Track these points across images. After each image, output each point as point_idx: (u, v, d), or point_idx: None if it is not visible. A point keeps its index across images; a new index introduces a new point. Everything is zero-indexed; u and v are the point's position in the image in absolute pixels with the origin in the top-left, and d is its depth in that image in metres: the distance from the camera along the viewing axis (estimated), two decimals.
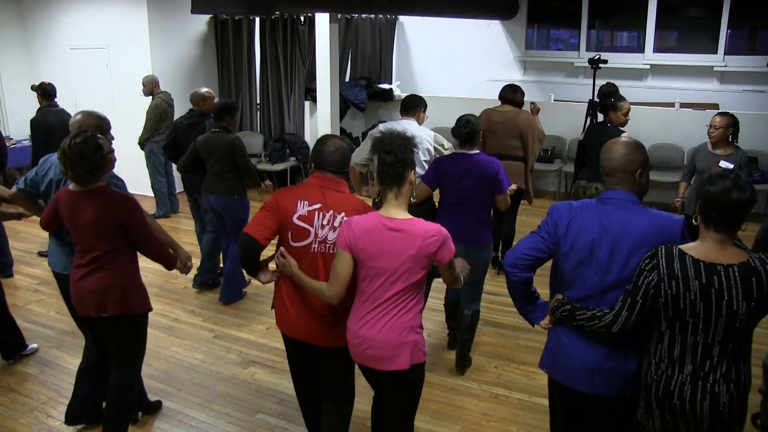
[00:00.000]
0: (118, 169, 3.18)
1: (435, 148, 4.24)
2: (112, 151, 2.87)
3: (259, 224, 2.54)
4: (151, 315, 4.67)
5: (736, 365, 1.99)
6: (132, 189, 9.20)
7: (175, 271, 3.18)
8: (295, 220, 2.53)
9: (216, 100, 5.35)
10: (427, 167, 3.96)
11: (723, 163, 4.63)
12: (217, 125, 4.67)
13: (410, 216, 2.32)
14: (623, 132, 4.42)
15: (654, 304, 2.02)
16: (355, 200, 2.57)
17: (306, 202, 2.54)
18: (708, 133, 4.61)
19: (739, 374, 1.99)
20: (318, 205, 2.53)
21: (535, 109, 5.28)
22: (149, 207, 7.18)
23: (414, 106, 4.27)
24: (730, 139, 4.56)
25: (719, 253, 1.97)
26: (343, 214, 2.50)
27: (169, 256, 3.02)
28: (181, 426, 3.39)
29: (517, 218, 5.48)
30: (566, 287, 2.25)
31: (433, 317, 4.61)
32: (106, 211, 2.75)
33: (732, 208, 1.93)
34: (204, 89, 5.34)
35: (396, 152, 2.28)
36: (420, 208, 3.60)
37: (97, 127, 3.08)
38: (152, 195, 7.18)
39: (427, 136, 4.20)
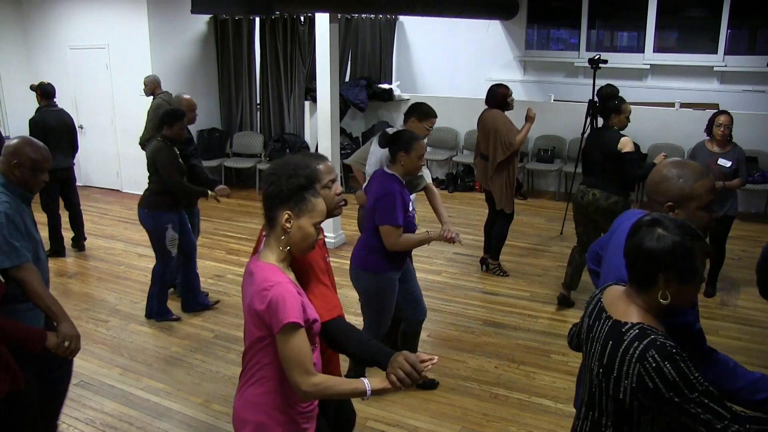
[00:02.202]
0: (119, 169, 3.18)
1: None
2: None
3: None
4: None
5: None
6: (132, 189, 9.24)
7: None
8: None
9: (194, 112, 4.82)
10: None
11: (721, 161, 4.64)
12: (161, 134, 4.42)
13: (274, 260, 1.88)
14: (624, 136, 4.40)
15: None
16: None
17: None
18: (716, 133, 4.61)
19: None
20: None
21: (527, 116, 5.09)
22: None
23: (407, 113, 4.08)
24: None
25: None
26: None
27: (25, 336, 2.32)
28: (181, 426, 3.39)
29: (515, 218, 5.49)
30: None
31: (433, 317, 4.61)
32: None
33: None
34: (185, 95, 4.88)
35: (266, 184, 1.91)
36: None
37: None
38: None
39: None
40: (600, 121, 5.01)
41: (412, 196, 3.84)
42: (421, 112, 4.05)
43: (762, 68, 7.62)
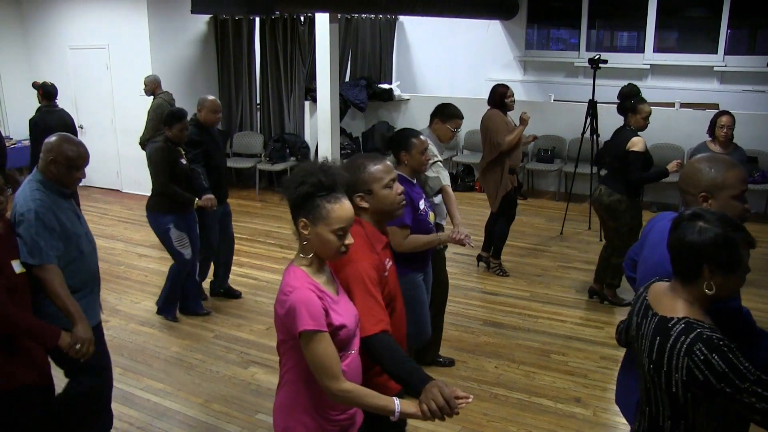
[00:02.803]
0: (119, 169, 3.17)
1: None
2: None
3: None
4: (151, 315, 4.73)
5: None
6: (132, 189, 9.25)
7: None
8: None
9: (217, 115, 4.62)
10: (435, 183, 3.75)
11: None
12: (163, 135, 4.35)
13: (301, 265, 1.88)
14: (637, 136, 4.39)
15: None
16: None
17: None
18: (719, 134, 4.58)
19: None
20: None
21: (521, 119, 5.07)
22: None
23: (432, 115, 4.02)
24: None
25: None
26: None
27: (36, 330, 2.36)
28: (181, 426, 3.39)
29: (516, 218, 5.50)
30: None
31: None
32: None
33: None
34: (209, 97, 4.64)
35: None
36: None
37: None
38: None
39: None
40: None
41: (437, 198, 3.81)
42: (445, 113, 3.98)
43: (762, 68, 7.62)
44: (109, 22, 7.80)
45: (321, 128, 6.06)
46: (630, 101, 4.58)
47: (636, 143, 4.35)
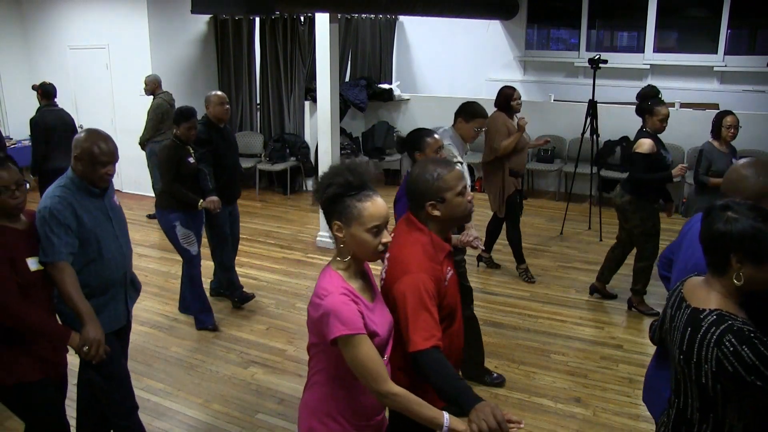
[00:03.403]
0: (119, 169, 3.16)
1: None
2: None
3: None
4: (151, 315, 4.73)
5: None
6: (133, 189, 9.25)
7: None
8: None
9: (224, 106, 4.55)
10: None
11: (735, 162, 4.62)
12: (173, 134, 4.34)
13: (337, 268, 1.84)
14: (648, 137, 4.34)
15: None
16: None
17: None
18: (726, 135, 4.53)
19: None
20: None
21: (518, 125, 5.03)
22: (150, 207, 7.20)
23: (455, 114, 3.93)
24: None
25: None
26: None
27: (46, 329, 2.36)
28: (181, 426, 3.39)
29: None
30: None
31: None
32: None
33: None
34: (214, 92, 4.64)
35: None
36: None
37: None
38: (153, 195, 7.18)
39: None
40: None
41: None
42: (468, 112, 3.89)
43: (762, 68, 7.62)
44: (109, 22, 7.80)
45: (321, 128, 6.05)
46: (646, 102, 4.52)
47: (642, 144, 4.32)
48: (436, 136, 3.18)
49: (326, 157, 6.03)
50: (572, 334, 4.40)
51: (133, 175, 8.07)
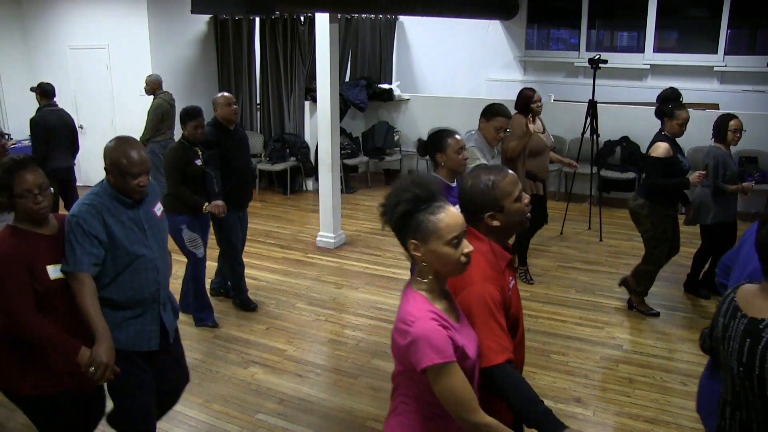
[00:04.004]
0: None
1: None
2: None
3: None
4: None
5: None
6: None
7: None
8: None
9: (231, 107, 4.46)
10: None
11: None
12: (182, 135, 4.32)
13: (420, 289, 1.74)
14: (663, 141, 4.25)
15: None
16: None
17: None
18: (732, 138, 4.49)
19: None
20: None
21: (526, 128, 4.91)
22: None
23: (480, 116, 3.84)
24: None
25: None
26: None
27: (55, 341, 2.25)
28: (181, 426, 3.39)
29: None
30: None
31: None
32: None
33: None
34: (221, 93, 4.57)
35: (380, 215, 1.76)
36: None
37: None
38: None
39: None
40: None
41: None
42: (488, 111, 3.78)
43: (762, 68, 7.62)
44: (109, 22, 7.80)
45: (321, 128, 6.05)
46: (666, 105, 4.42)
47: (657, 148, 4.23)
48: (457, 136, 3.11)
49: (326, 157, 6.03)
50: (572, 334, 4.40)
51: None
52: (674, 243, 4.58)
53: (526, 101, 4.90)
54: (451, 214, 1.67)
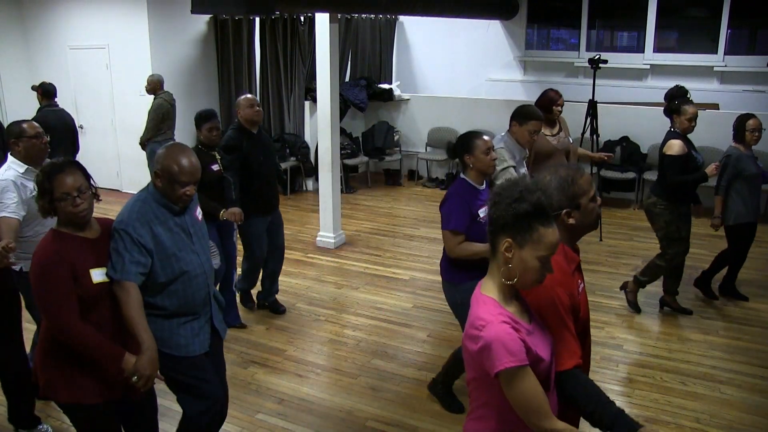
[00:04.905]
0: (119, 169, 3.13)
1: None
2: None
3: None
4: None
5: None
6: (133, 189, 9.20)
7: None
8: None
9: (254, 108, 4.27)
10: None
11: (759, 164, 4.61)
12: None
13: (490, 292, 1.72)
14: (676, 138, 4.26)
15: None
16: None
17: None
18: (751, 138, 4.46)
19: None
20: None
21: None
22: None
23: (510, 119, 3.80)
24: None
25: None
26: None
27: (98, 347, 2.22)
28: None
29: None
30: None
31: (433, 317, 4.61)
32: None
33: None
34: (243, 95, 4.38)
35: (489, 204, 1.72)
36: None
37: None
38: None
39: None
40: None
41: None
42: (522, 114, 3.74)
43: (762, 68, 7.62)
44: (109, 22, 7.80)
45: (321, 128, 6.05)
46: (673, 102, 4.46)
47: (671, 146, 4.25)
48: (485, 137, 3.09)
49: (326, 157, 6.03)
50: None
51: (133, 175, 8.06)
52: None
53: (551, 103, 4.76)
54: (555, 233, 1.65)
